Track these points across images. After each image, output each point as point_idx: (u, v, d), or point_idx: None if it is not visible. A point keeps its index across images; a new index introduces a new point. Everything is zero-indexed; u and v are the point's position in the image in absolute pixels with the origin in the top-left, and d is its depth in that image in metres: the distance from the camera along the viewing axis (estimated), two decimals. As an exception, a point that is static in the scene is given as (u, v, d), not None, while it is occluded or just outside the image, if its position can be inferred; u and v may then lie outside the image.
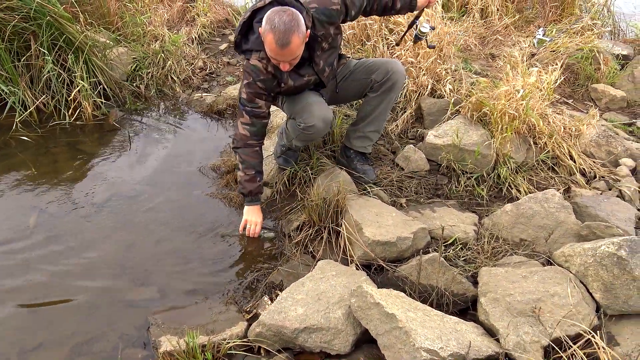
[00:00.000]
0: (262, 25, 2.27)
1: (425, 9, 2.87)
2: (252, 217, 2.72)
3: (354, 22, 4.02)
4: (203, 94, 4.30)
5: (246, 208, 2.74)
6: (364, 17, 3.90)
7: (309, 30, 2.35)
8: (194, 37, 5.10)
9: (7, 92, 3.76)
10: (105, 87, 4.07)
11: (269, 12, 2.26)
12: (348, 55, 3.23)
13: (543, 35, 4.90)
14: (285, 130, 2.93)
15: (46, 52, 3.80)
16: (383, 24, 3.96)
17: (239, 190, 2.76)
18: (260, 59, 2.47)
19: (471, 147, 3.10)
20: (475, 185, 3.03)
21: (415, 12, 2.87)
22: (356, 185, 2.96)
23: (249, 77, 2.52)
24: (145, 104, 4.24)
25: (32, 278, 2.50)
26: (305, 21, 2.30)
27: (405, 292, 2.28)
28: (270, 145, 3.32)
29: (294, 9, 2.27)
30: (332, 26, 2.56)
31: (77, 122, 3.83)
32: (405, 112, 3.64)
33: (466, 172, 3.10)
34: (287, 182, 3.05)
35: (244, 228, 2.72)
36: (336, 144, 3.26)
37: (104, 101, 3.97)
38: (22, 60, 3.87)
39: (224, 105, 4.12)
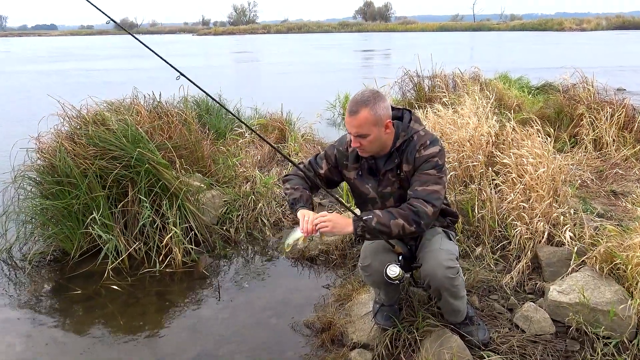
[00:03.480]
0: None
1: None
2: (305, 213, 2.65)
3: (456, 163, 4.13)
4: (294, 238, 4.43)
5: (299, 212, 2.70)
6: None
7: (389, 121, 2.56)
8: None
9: (104, 238, 4.08)
10: (197, 232, 4.33)
11: None
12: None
13: (673, 169, 4.72)
14: None
15: (144, 199, 4.15)
16: (490, 168, 4.01)
17: (288, 205, 2.85)
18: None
19: (604, 306, 2.90)
20: (615, 354, 2.78)
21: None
22: (470, 350, 2.81)
23: (335, 143, 2.91)
24: (234, 248, 4.44)
25: None
26: (387, 111, 2.55)
27: None
28: (368, 300, 3.29)
29: (380, 92, 2.59)
30: (407, 165, 2.65)
31: (167, 270, 4.05)
32: (519, 261, 3.53)
33: (602, 337, 2.87)
34: (389, 345, 2.95)
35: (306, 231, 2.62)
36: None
37: (193, 247, 4.20)
38: (118, 207, 4.25)
39: (317, 252, 4.21)
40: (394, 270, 2.60)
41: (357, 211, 2.93)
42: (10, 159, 4.42)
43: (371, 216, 2.50)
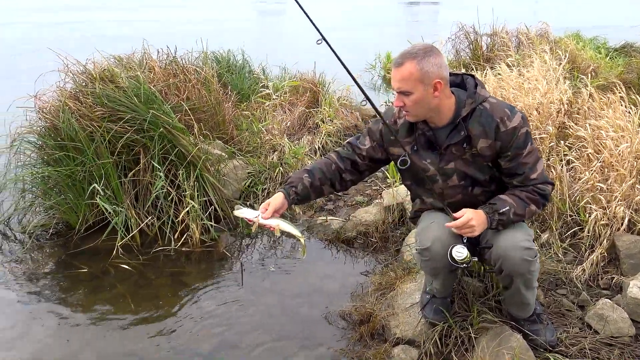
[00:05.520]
0: None
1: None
2: (270, 200, 2.86)
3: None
4: (328, 217, 4.45)
5: None
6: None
7: (438, 81, 2.49)
8: (317, 147, 5.42)
9: (111, 211, 4.13)
10: (217, 207, 4.36)
11: None
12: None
13: None
14: None
15: (158, 166, 4.18)
16: (561, 142, 3.92)
17: None
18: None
19: (696, 306, 2.84)
20: None
21: None
22: (533, 351, 2.78)
23: (381, 116, 2.81)
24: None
25: None
26: (439, 70, 2.49)
27: None
28: (415, 290, 3.27)
29: (435, 47, 2.56)
30: (485, 140, 2.59)
31: (183, 249, 4.10)
32: (593, 251, 3.46)
33: (691, 342, 2.81)
34: (438, 342, 2.94)
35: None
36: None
37: (213, 224, 4.23)
38: (128, 176, 4.28)
39: (354, 233, 4.20)
40: (461, 252, 2.55)
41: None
42: (5, 121, 4.42)
43: (508, 207, 2.55)
